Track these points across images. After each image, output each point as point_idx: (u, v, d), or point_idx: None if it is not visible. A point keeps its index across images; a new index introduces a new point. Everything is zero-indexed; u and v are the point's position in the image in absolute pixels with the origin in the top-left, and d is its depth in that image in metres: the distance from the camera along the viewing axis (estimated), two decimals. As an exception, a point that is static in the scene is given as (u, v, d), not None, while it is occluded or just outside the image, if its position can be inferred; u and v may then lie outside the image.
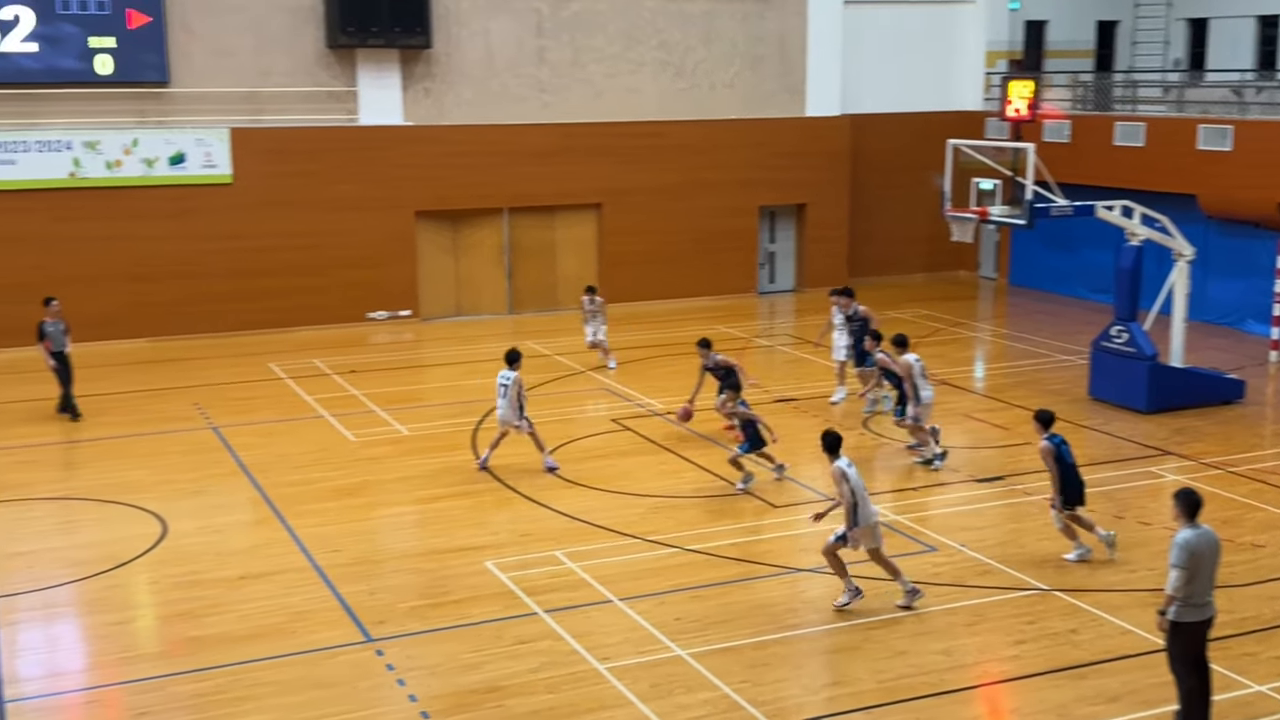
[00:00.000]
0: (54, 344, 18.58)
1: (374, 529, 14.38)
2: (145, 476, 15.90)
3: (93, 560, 13.16)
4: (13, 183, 22.90)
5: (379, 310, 25.85)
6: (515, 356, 15.82)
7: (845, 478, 11.51)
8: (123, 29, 23.23)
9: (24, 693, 10.36)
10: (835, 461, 11.70)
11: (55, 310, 18.84)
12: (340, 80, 25.11)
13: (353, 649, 11.08)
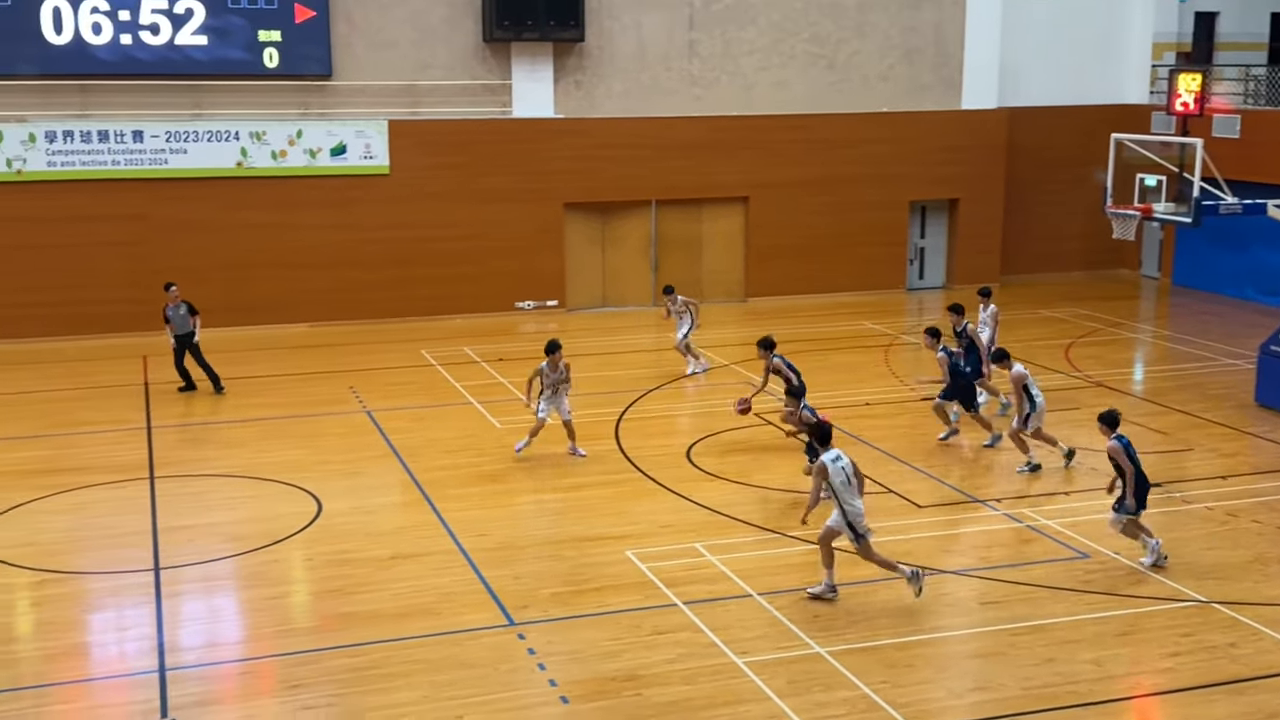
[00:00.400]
0: (177, 327, 19.45)
1: (518, 515, 14.61)
2: (302, 457, 16.44)
3: (251, 536, 13.66)
4: (184, 171, 23.89)
5: (527, 300, 26.23)
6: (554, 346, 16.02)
7: (825, 473, 11.55)
8: (289, 23, 24.02)
9: (184, 661, 10.82)
10: (823, 455, 11.73)
11: (174, 295, 19.70)
12: (495, 74, 25.54)
13: (496, 631, 11.28)
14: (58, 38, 22.78)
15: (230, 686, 10.54)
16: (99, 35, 22.98)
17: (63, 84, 23.14)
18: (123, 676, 10.63)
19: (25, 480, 15.45)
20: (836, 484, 11.63)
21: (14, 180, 22.96)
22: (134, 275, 23.67)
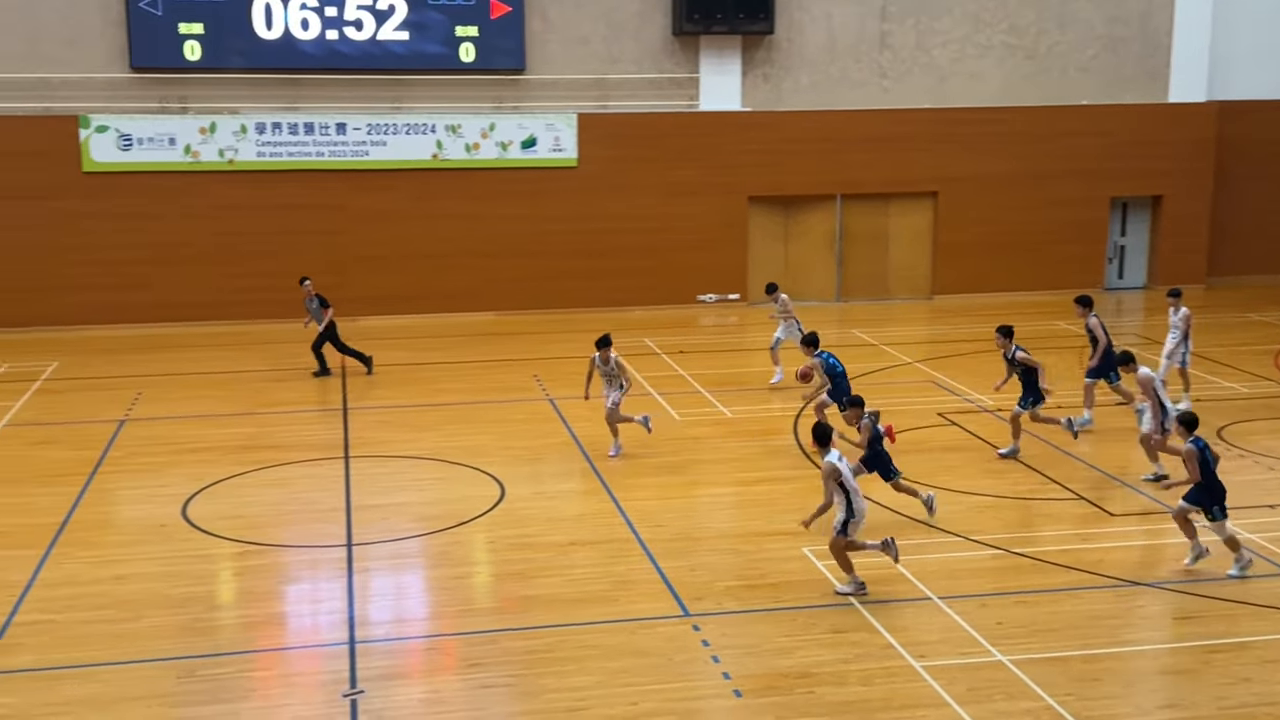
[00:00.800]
0: (313, 318, 20.34)
1: (695, 507, 14.66)
2: (487, 442, 16.85)
3: (438, 517, 14.08)
4: (382, 162, 24.75)
5: (708, 293, 26.28)
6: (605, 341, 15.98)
7: (838, 474, 11.53)
8: (485, 18, 24.62)
9: (372, 635, 11.22)
10: (827, 456, 11.65)
11: (308, 289, 20.59)
12: (683, 67, 25.65)
13: (671, 622, 11.35)
14: (268, 33, 23.87)
15: (414, 662, 10.88)
16: (307, 31, 23.99)
17: (272, 77, 24.24)
18: (315, 647, 11.10)
19: (231, 455, 16.27)
20: (851, 484, 11.62)
21: (226, 169, 24.17)
22: (333, 262, 24.66)
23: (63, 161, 23.42)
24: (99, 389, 19.53)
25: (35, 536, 13.30)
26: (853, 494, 11.65)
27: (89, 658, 10.62)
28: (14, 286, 23.43)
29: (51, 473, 15.42)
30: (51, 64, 23.31)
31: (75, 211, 23.57)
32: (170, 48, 23.52)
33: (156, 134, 23.78)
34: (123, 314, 23.85)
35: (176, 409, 18.52)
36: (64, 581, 12.21)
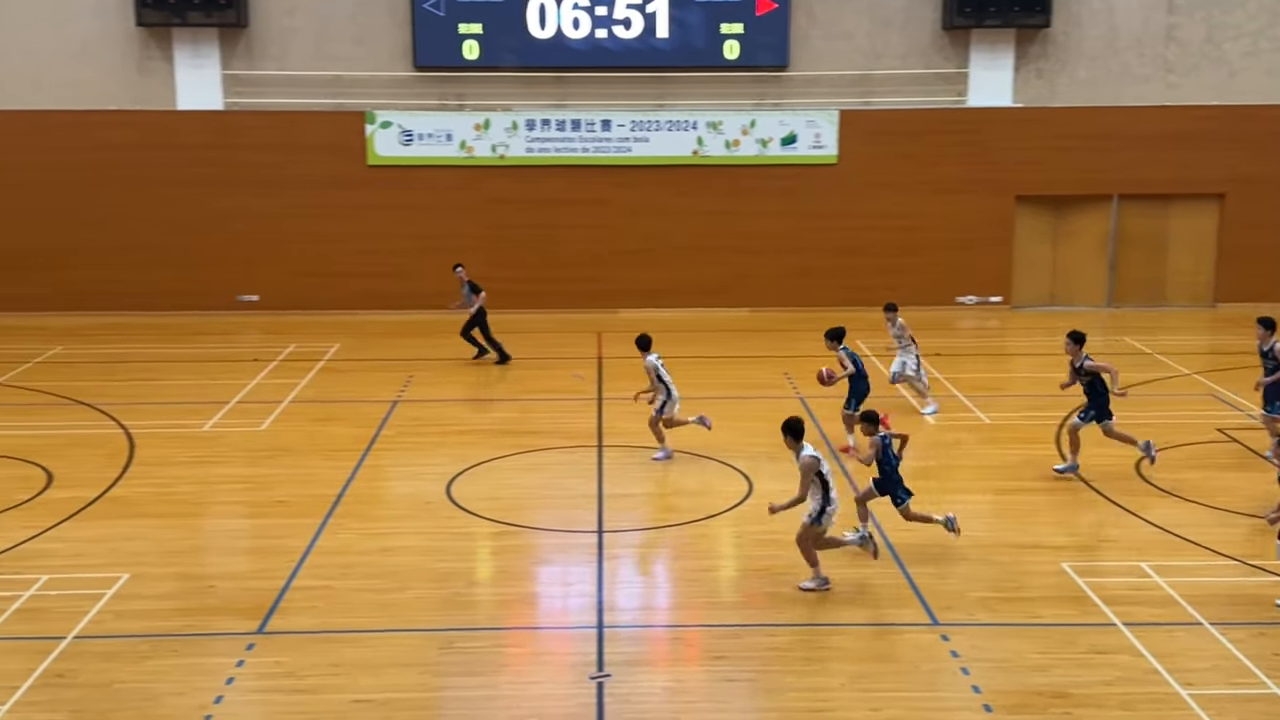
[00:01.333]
0: (465, 304, 21.09)
1: (948, 513, 14.28)
2: (736, 437, 16.90)
3: (686, 509, 14.24)
4: (644, 159, 25.18)
5: (969, 295, 25.56)
6: (647, 342, 15.97)
7: (818, 466, 11.64)
8: (751, 15, 24.68)
9: (619, 620, 11.46)
10: (804, 452, 11.74)
11: (461, 276, 21.32)
12: (952, 62, 25.02)
13: (919, 629, 11.12)
14: (541, 32, 24.65)
15: (660, 650, 11.05)
16: (577, 29, 24.65)
17: (543, 75, 25.04)
18: (565, 629, 11.43)
19: (492, 439, 16.91)
20: (828, 476, 11.79)
21: (497, 164, 25.12)
22: (595, 256, 25.28)
23: (350, 155, 24.87)
24: (375, 370, 20.67)
25: (315, 506, 14.20)
26: (830, 485, 11.80)
27: (359, 623, 11.26)
28: (305, 271, 25.03)
29: (331, 448, 16.41)
30: (342, 63, 24.78)
31: (359, 203, 24.99)
32: (450, 47, 24.62)
33: (435, 130, 24.94)
34: (397, 300, 25.13)
35: (444, 393, 19.39)
36: (338, 550, 12.99)
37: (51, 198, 24.40)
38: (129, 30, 24.19)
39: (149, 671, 10.33)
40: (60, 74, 24.27)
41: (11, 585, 11.91)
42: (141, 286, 24.64)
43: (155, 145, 24.46)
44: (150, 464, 15.74)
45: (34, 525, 13.52)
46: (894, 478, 12.60)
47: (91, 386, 19.26)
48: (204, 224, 24.72)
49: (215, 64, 24.48)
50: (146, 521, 13.73)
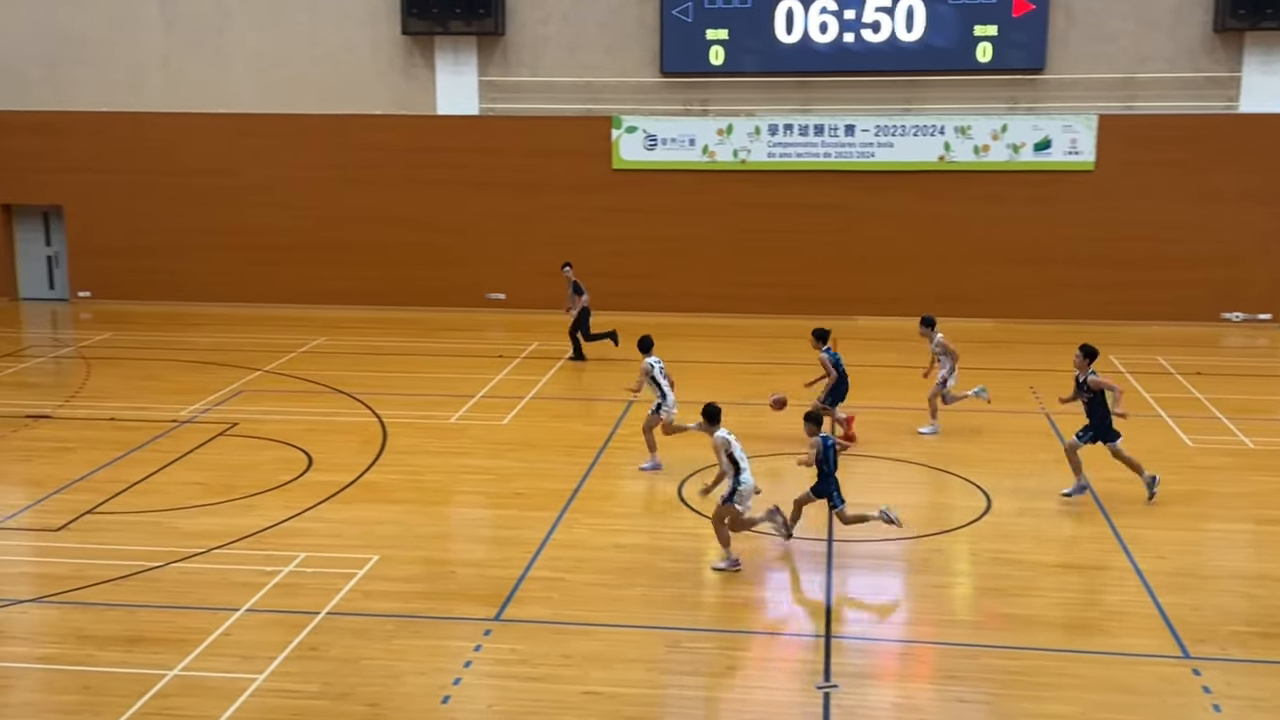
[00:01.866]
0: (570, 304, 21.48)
1: (1203, 541, 13.50)
2: (975, 451, 16.45)
3: (921, 523, 13.93)
4: (888, 164, 24.79)
5: (1235, 311, 24.08)
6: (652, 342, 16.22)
7: (728, 445, 12.42)
8: (1006, 16, 23.96)
9: (848, 632, 11.32)
10: (716, 433, 12.61)
11: (568, 275, 21.70)
12: (1223, 65, 23.65)
13: (1166, 661, 10.54)
14: (788, 37, 24.61)
15: (889, 664, 10.85)
16: (824, 34, 24.49)
17: (787, 80, 24.98)
18: (792, 635, 11.36)
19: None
20: (739, 456, 12.45)
21: (738, 169, 25.22)
22: (835, 262, 25.08)
23: (596, 159, 25.45)
24: (614, 370, 21.05)
25: (551, 500, 14.59)
26: (742, 468, 12.45)
27: (591, 617, 11.51)
28: (550, 271, 25.59)
29: (569, 444, 16.82)
30: (592, 69, 25.38)
31: (604, 205, 25.54)
32: (697, 53, 24.87)
33: (679, 135, 25.24)
34: (638, 302, 25.54)
35: (678, 394, 19.50)
36: (572, 544, 13.31)
37: (320, 196, 25.92)
38: (395, 38, 25.45)
39: (393, 650, 10.84)
40: (332, 79, 25.74)
41: (273, 561, 12.71)
42: (398, 282, 25.88)
43: (416, 148, 25.67)
44: (401, 452, 16.51)
45: (294, 506, 14.38)
46: (832, 480, 12.73)
47: (350, 376, 20.35)
48: (458, 224, 25.78)
49: (473, 71, 25.49)
50: (396, 507, 14.41)
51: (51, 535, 13.46)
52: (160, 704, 9.87)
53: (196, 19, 25.83)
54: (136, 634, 11.05)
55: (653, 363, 16.05)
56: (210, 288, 26.15)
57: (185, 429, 17.30)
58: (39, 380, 20.70)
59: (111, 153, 26.13)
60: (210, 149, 26.01)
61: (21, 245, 27.27)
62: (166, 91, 26.08)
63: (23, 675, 10.48)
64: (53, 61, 26.14)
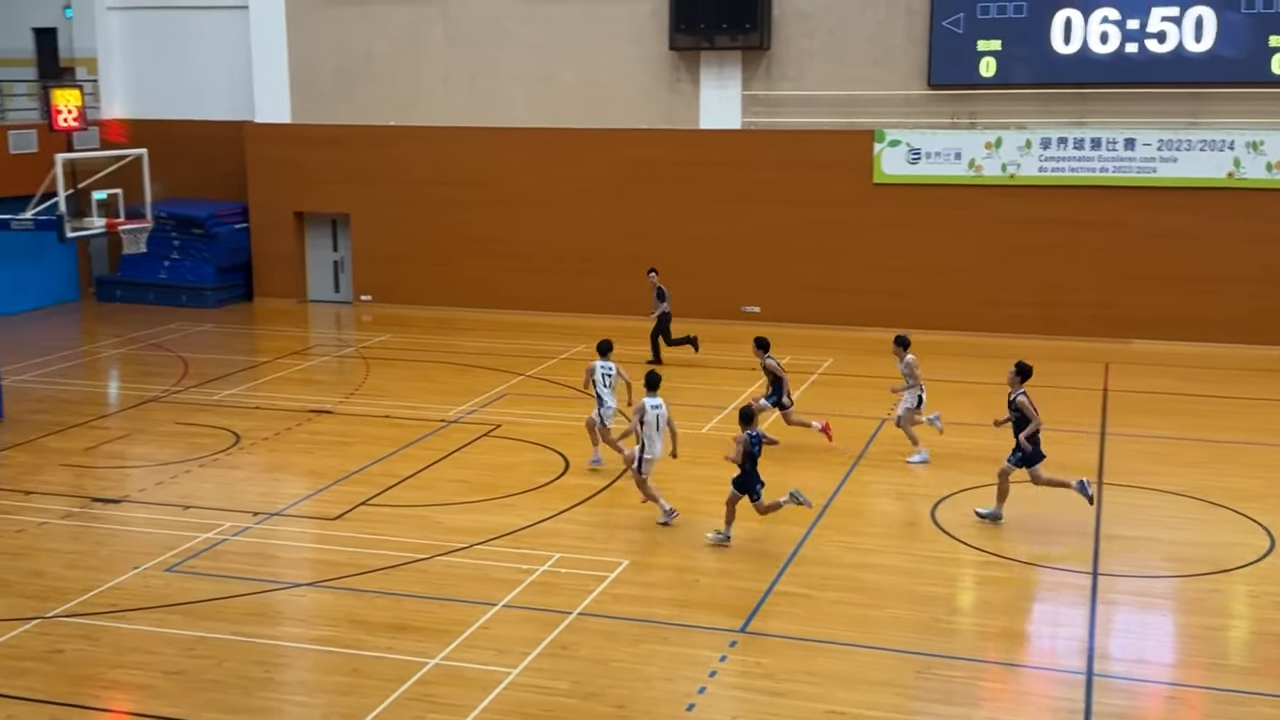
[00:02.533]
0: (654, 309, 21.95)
1: None
2: (1258, 486, 15.42)
3: (1194, 560, 13.15)
4: (1169, 180, 23.51)
5: None
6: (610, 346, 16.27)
7: (641, 413, 13.92)
8: (1308, 25, 22.37)
9: (1111, 671, 10.78)
10: (646, 399, 14.01)
11: (653, 280, 22.30)
12: None
13: None
14: (1065, 47, 23.69)
15: (1153, 707, 10.29)
16: (1104, 44, 23.45)
17: (1062, 92, 24.06)
18: (1050, 670, 10.91)
19: (983, 465, 16.34)
20: (648, 427, 13.91)
21: (1006, 184, 24.44)
22: (1107, 281, 23.98)
23: (857, 173, 25.17)
24: (865, 386, 20.77)
25: (800, 515, 14.48)
26: (648, 440, 13.93)
27: (836, 635, 11.38)
28: (807, 285, 25.64)
29: (820, 460, 16.67)
30: (857, 82, 25.13)
31: (864, 220, 25.23)
32: (967, 65, 24.26)
33: (944, 148, 24.69)
34: (896, 318, 25.09)
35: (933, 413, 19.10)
36: (820, 560, 13.20)
37: (582, 207, 26.64)
38: (662, 54, 25.90)
39: (641, 654, 11.02)
40: (599, 94, 26.43)
41: (529, 560, 13.14)
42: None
43: (678, 161, 26.04)
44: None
45: (550, 507, 14.83)
46: (754, 475, 13.24)
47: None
48: (716, 237, 25.99)
49: (737, 85, 25.67)
50: (647, 514, 14.65)
51: (329, 524, 14.33)
52: (421, 690, 10.35)
53: (476, 37, 27.01)
54: (402, 622, 11.64)
55: (597, 365, 16.13)
56: (478, 294, 27.26)
57: (453, 429, 18.10)
58: (323, 378, 22.08)
59: (393, 164, 27.63)
60: (482, 161, 27.14)
61: (311, 251, 29.16)
62: (445, 106, 27.38)
63: (298, 655, 11.21)
64: (344, 77, 27.86)
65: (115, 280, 28.82)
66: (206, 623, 11.63)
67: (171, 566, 12.97)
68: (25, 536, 13.86)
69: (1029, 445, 13.90)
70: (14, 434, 17.88)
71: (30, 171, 23.11)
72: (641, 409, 14.10)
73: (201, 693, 10.33)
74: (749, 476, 13.33)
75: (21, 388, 20.35)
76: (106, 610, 11.87)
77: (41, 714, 9.98)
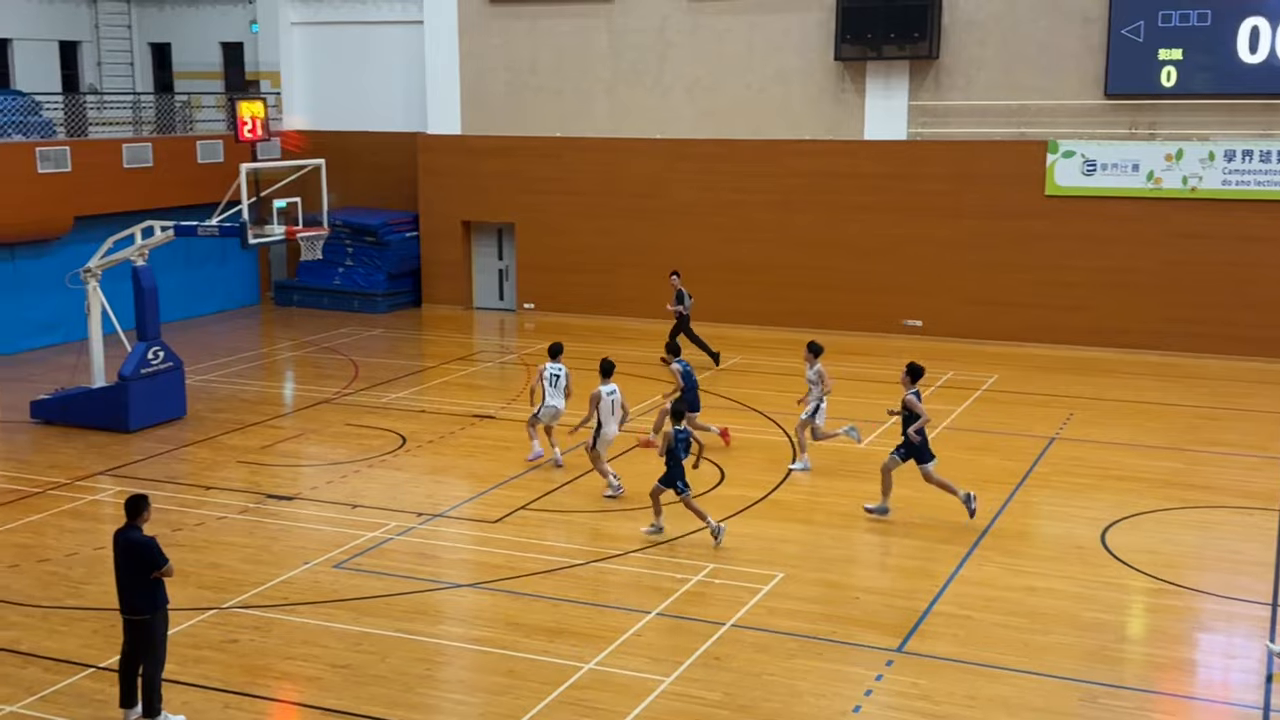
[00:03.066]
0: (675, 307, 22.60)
1: None
2: None
3: (1387, 596, 12.41)
4: (1366, 194, 22.30)
5: None
6: (560, 349, 16.89)
7: (597, 399, 15.06)
8: None
9: (1293, 708, 10.26)
10: (601, 385, 15.14)
11: (674, 283, 22.74)
12: None
13: None
14: (1250, 56, 22.68)
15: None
16: (1293, 52, 22.40)
17: (1248, 103, 23.03)
18: (1224, 704, 10.44)
19: (1155, 489, 15.86)
20: (603, 410, 15.12)
21: (1186, 197, 23.48)
22: (1275, 299, 22.89)
23: (1028, 185, 24.53)
24: (1033, 404, 20.21)
25: (962, 534, 14.20)
26: (604, 421, 15.15)
27: (999, 659, 11.09)
28: (972, 299, 25.10)
29: (983, 477, 16.29)
30: (1029, 92, 24.51)
31: (1034, 233, 24.56)
32: (1146, 74, 23.42)
33: (1120, 160, 23.87)
34: (1067, 334, 24.40)
35: (1105, 434, 18.50)
36: (982, 582, 12.88)
37: (742, 218, 26.59)
38: (827, 65, 25.71)
39: (794, 669, 10.92)
40: (763, 105, 26.37)
41: (684, 569, 13.17)
42: (816, 305, 26.08)
43: (840, 173, 25.80)
44: (809, 473, 16.62)
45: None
46: (678, 471, 13.70)
47: (763, 395, 20.72)
48: (878, 250, 25.65)
49: (903, 95, 25.31)
50: (802, 527, 14.53)
51: (489, 526, 14.62)
52: (575, 694, 10.46)
53: (641, 49, 27.26)
54: (558, 626, 11.79)
55: (547, 367, 16.73)
56: (637, 303, 27.46)
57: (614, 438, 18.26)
58: (485, 383, 22.55)
59: (558, 174, 28.06)
60: (644, 172, 27.35)
61: (477, 259, 29.82)
62: (610, 117, 27.69)
63: (457, 654, 11.45)
64: (512, 89, 28.43)
65: (292, 285, 29.96)
66: (371, 619, 11.97)
67: (339, 563, 13.41)
68: (205, 530, 14.50)
69: (917, 438, 14.34)
70: (196, 431, 18.74)
71: (216, 180, 24.26)
72: (598, 394, 15.31)
73: (365, 687, 10.64)
74: (673, 472, 13.78)
75: (205, 386, 21.32)
76: (278, 603, 12.34)
77: (216, 701, 10.41)
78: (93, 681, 10.67)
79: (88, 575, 13.00)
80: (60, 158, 24.39)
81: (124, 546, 9.81)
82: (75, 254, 22.29)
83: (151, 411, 18.88)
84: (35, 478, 16.47)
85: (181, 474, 16.72)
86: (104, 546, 11.47)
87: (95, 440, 18.15)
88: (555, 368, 16.65)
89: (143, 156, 26.23)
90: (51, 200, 24.18)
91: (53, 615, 12.07)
